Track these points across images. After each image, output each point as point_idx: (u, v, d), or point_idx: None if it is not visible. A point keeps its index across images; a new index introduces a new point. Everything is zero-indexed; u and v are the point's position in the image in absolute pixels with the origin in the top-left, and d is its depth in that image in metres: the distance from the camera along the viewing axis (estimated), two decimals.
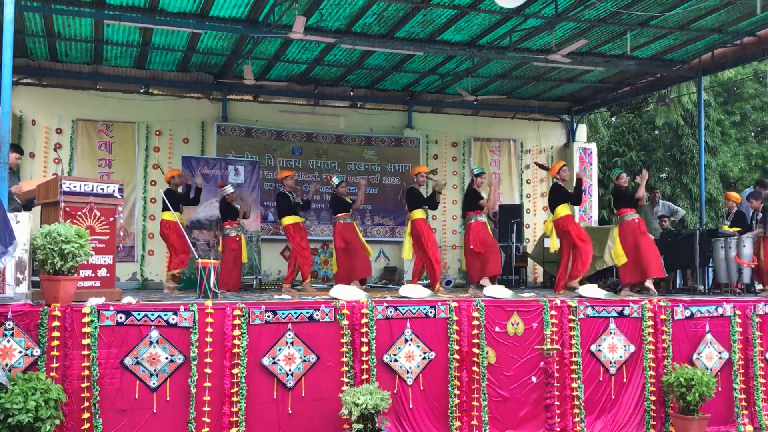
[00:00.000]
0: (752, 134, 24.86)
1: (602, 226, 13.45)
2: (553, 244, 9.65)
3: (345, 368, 6.62)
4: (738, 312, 7.97)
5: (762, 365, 7.98)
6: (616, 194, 9.56)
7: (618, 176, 9.64)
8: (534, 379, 7.22)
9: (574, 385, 7.29)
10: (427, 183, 10.58)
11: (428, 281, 12.25)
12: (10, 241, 5.51)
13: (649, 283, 9.01)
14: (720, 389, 7.65)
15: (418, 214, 9.77)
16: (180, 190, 10.07)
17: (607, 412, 7.43)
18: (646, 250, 9.11)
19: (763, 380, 7.95)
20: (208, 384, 6.14)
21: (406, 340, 6.86)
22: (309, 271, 10.26)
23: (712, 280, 10.75)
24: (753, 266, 9.55)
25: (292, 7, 9.20)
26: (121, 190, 6.83)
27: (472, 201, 9.43)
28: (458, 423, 6.89)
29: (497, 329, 7.15)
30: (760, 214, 10.15)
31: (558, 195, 9.60)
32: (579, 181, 9.93)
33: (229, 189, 10.52)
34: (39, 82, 12.47)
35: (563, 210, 9.47)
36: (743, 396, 7.88)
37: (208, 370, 6.15)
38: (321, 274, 13.26)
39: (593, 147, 15.62)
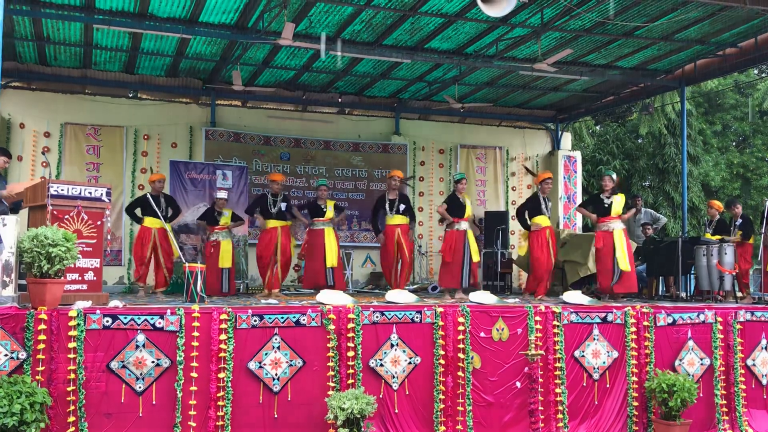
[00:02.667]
0: (733, 144, 25.19)
1: (586, 233, 13.54)
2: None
3: (331, 373, 6.66)
4: (719, 319, 8.08)
5: (743, 371, 8.09)
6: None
7: (601, 177, 9.72)
8: (518, 384, 7.29)
9: (557, 390, 7.37)
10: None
11: (415, 287, 12.34)
12: None
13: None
14: (701, 395, 7.76)
15: (390, 219, 9.89)
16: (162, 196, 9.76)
17: (590, 418, 7.52)
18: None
19: (743, 386, 8.06)
20: (194, 388, 6.15)
21: (392, 345, 6.92)
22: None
23: (694, 288, 10.89)
24: (734, 273, 9.69)
25: (281, 13, 9.25)
26: (108, 194, 6.83)
27: (453, 208, 9.48)
28: (443, 427, 6.94)
29: (482, 335, 7.22)
30: (740, 220, 10.32)
31: (535, 206, 9.65)
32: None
33: (221, 194, 10.47)
34: (28, 85, 12.42)
35: (542, 222, 9.54)
36: (724, 402, 7.99)
37: (194, 374, 6.16)
38: None
39: (578, 155, 15.76)
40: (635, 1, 9.41)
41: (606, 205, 9.42)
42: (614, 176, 9.70)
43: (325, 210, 10.12)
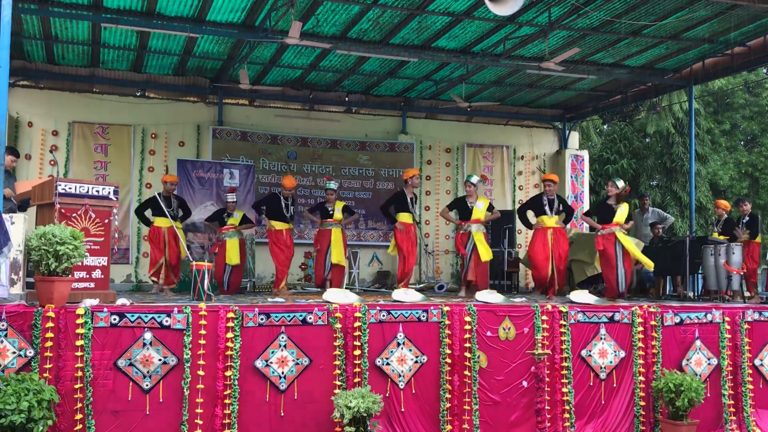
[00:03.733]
0: (742, 143, 25.07)
1: (593, 233, 13.52)
2: None
3: (337, 371, 6.66)
4: (727, 319, 8.05)
5: (750, 371, 8.06)
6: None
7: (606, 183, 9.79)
8: (525, 383, 7.28)
9: (564, 389, 7.35)
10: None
11: (421, 286, 12.34)
12: (4, 241, 5.56)
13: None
14: (709, 395, 7.71)
15: (403, 217, 9.95)
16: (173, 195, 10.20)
17: (597, 417, 7.50)
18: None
19: (751, 386, 8.03)
20: (200, 386, 6.17)
21: (399, 344, 6.92)
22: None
23: (702, 287, 10.85)
24: (742, 273, 9.65)
25: (288, 12, 9.26)
26: (116, 192, 6.85)
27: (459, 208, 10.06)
28: (449, 426, 6.93)
29: (489, 334, 7.21)
30: (747, 218, 10.26)
31: (537, 205, 10.03)
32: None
33: (231, 198, 10.59)
34: (36, 84, 12.47)
35: (544, 221, 9.83)
36: (732, 402, 7.96)
37: (201, 372, 6.18)
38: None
39: (585, 154, 15.72)
40: (643, 0, 9.37)
41: (613, 211, 9.40)
42: (619, 183, 9.65)
43: (332, 212, 10.34)
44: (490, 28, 10.53)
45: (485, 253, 9.76)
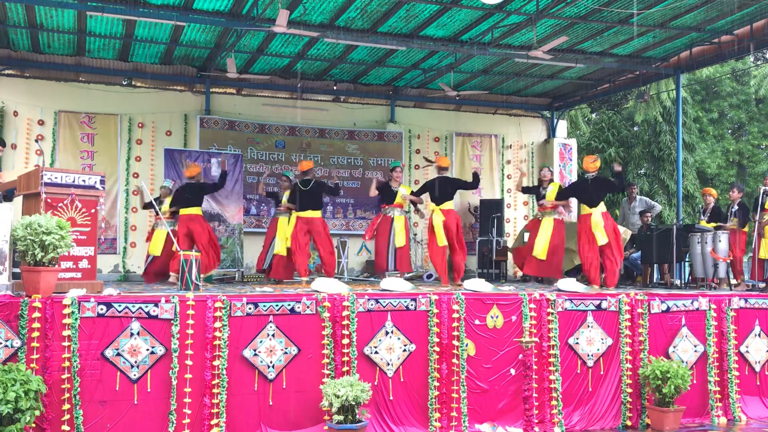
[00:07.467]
0: (729, 131, 25.20)
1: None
2: None
3: (326, 360, 6.68)
4: (713, 306, 8.11)
5: (736, 358, 8.13)
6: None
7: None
8: (512, 371, 7.32)
9: (552, 377, 7.39)
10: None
11: (410, 275, 12.32)
12: None
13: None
14: (695, 382, 7.80)
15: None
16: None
17: (585, 404, 7.55)
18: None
19: (737, 373, 8.10)
20: (189, 376, 6.17)
21: (387, 333, 6.93)
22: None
23: (689, 275, 10.92)
24: (728, 261, 9.71)
25: (275, 0, 9.21)
26: (102, 182, 6.81)
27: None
28: (438, 414, 6.97)
29: (477, 322, 7.24)
30: (736, 207, 10.31)
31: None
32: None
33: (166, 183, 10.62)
34: (21, 73, 12.37)
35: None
36: (717, 388, 8.03)
37: (189, 362, 6.18)
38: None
39: (573, 143, 15.75)
40: None
41: (543, 194, 9.95)
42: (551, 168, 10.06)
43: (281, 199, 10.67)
44: (479, 16, 10.51)
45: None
